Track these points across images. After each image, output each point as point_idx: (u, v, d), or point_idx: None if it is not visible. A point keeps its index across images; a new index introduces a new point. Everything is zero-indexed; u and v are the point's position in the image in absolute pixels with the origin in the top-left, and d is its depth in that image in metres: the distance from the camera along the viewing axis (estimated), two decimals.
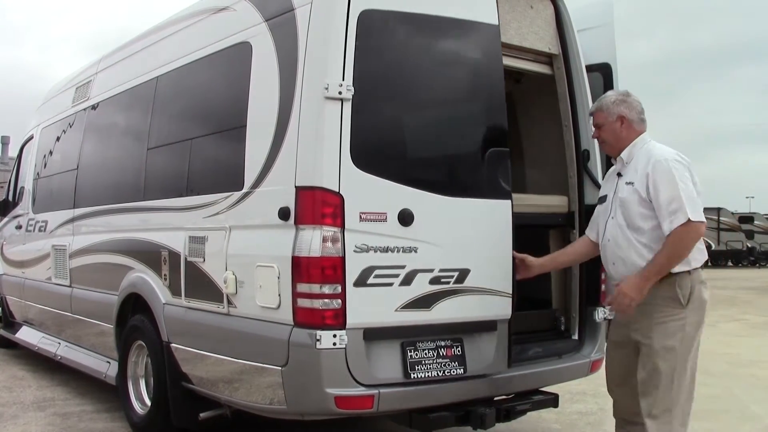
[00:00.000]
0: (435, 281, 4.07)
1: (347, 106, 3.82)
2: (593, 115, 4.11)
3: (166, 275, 5.01)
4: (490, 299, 4.26)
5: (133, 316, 5.45)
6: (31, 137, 8.61)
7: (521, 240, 4.37)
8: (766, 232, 37.53)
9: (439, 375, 4.07)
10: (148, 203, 5.46)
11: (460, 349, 4.17)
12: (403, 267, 3.96)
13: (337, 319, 3.78)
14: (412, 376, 3.99)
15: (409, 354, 4.01)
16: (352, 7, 3.87)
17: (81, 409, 6.20)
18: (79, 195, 6.77)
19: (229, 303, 4.32)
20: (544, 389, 4.74)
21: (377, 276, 3.88)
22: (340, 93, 3.79)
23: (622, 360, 3.99)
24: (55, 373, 7.51)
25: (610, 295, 3.96)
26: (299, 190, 3.87)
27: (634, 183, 3.82)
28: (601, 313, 4.82)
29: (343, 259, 3.79)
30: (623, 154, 3.96)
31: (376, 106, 4.00)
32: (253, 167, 4.20)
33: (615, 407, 4.14)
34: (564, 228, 4.98)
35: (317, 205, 3.80)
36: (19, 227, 8.44)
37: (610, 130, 3.99)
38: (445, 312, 4.11)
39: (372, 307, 3.89)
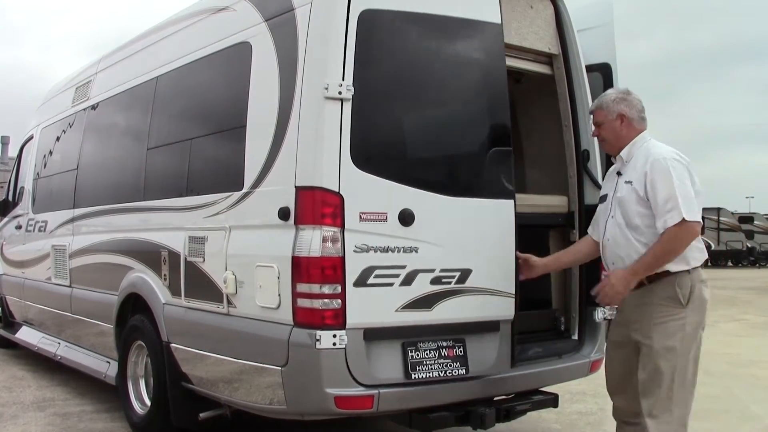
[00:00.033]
0: (436, 281, 4.06)
1: (347, 106, 3.82)
2: (593, 114, 4.09)
3: (165, 275, 5.01)
4: (493, 299, 4.25)
5: (133, 316, 5.45)
6: (31, 137, 8.61)
7: (521, 240, 4.36)
8: (766, 232, 37.53)
9: (441, 375, 4.06)
10: (148, 203, 5.46)
11: (462, 349, 4.15)
12: (403, 267, 3.96)
13: (336, 319, 3.77)
14: (413, 376, 3.98)
15: (410, 354, 4.00)
16: (352, 7, 3.87)
17: (81, 409, 6.19)
18: (79, 195, 6.77)
19: (229, 303, 4.32)
20: (544, 389, 4.73)
21: (377, 276, 3.88)
22: (340, 93, 3.79)
23: (623, 360, 3.98)
24: (54, 373, 7.51)
25: (597, 285, 3.97)
26: (299, 190, 3.87)
27: (633, 182, 3.81)
28: (600, 313, 4.81)
29: (342, 259, 3.79)
30: (623, 153, 3.94)
31: (376, 106, 4.00)
32: (253, 167, 4.20)
33: (615, 409, 4.13)
34: (564, 228, 4.97)
35: (317, 205, 3.80)
36: (18, 227, 8.43)
37: (610, 129, 3.98)
38: (447, 312, 4.10)
39: (372, 307, 3.89)
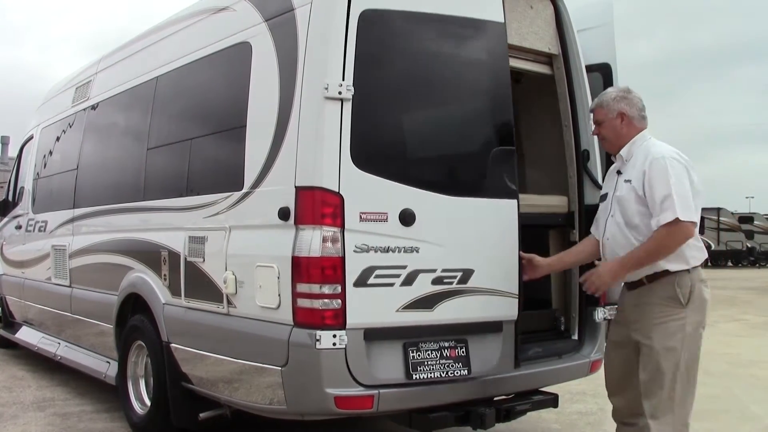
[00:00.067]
0: (437, 281, 4.05)
1: (347, 106, 3.81)
2: (593, 112, 4.08)
3: (165, 275, 5.01)
4: (496, 300, 4.24)
5: (133, 316, 5.45)
6: (30, 137, 8.61)
7: (521, 240, 4.35)
8: (766, 232, 37.53)
9: (443, 376, 4.04)
10: (148, 203, 5.45)
11: (464, 350, 4.14)
12: (404, 267, 3.95)
13: (336, 319, 3.77)
14: (414, 377, 3.97)
15: (411, 355, 3.99)
16: (352, 7, 3.86)
17: (81, 409, 6.19)
18: (79, 195, 6.77)
19: (229, 303, 4.31)
20: (543, 389, 4.73)
21: (378, 276, 3.87)
22: (340, 93, 3.78)
23: (622, 360, 3.98)
24: (54, 373, 7.51)
25: (586, 273, 4.01)
26: (299, 190, 3.86)
27: (632, 180, 3.81)
28: (600, 313, 4.80)
29: (342, 259, 3.78)
30: (623, 152, 3.94)
31: (377, 106, 3.99)
32: (253, 167, 4.20)
33: (614, 410, 4.13)
34: (564, 228, 4.97)
35: (317, 205, 3.80)
36: (18, 227, 8.43)
37: (611, 127, 3.97)
38: (449, 313, 4.09)
39: (372, 307, 3.88)
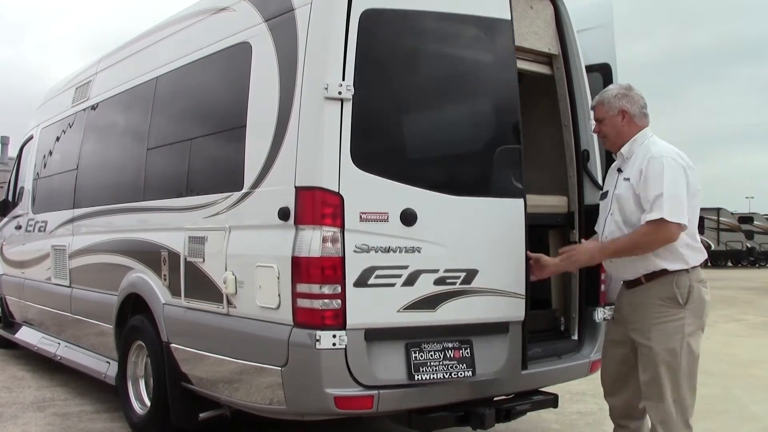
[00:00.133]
0: (440, 282, 4.03)
1: (347, 106, 3.80)
2: (594, 109, 4.07)
3: (165, 275, 5.01)
4: (502, 300, 4.21)
5: (133, 317, 5.45)
6: (30, 137, 8.61)
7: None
8: (765, 232, 37.54)
9: (446, 377, 4.01)
10: (148, 203, 5.45)
11: (468, 351, 4.09)
12: (405, 267, 3.93)
13: (336, 320, 3.76)
14: (416, 377, 3.94)
15: (413, 355, 3.96)
16: (353, 7, 3.85)
17: (80, 409, 6.19)
18: (79, 195, 6.77)
19: (229, 303, 4.31)
20: (543, 389, 4.72)
21: (378, 276, 3.86)
22: (340, 93, 3.78)
23: (620, 359, 3.98)
24: (54, 374, 7.51)
25: (566, 246, 4.12)
26: (299, 190, 3.86)
27: (631, 179, 3.80)
28: (600, 314, 4.80)
29: (342, 259, 3.78)
30: (623, 150, 3.93)
31: (377, 106, 3.99)
32: (253, 167, 4.20)
33: (611, 411, 4.13)
34: (564, 228, 4.96)
35: (317, 206, 3.79)
36: (18, 227, 8.43)
37: (611, 125, 3.95)
38: (452, 313, 4.07)
39: (373, 307, 3.87)
